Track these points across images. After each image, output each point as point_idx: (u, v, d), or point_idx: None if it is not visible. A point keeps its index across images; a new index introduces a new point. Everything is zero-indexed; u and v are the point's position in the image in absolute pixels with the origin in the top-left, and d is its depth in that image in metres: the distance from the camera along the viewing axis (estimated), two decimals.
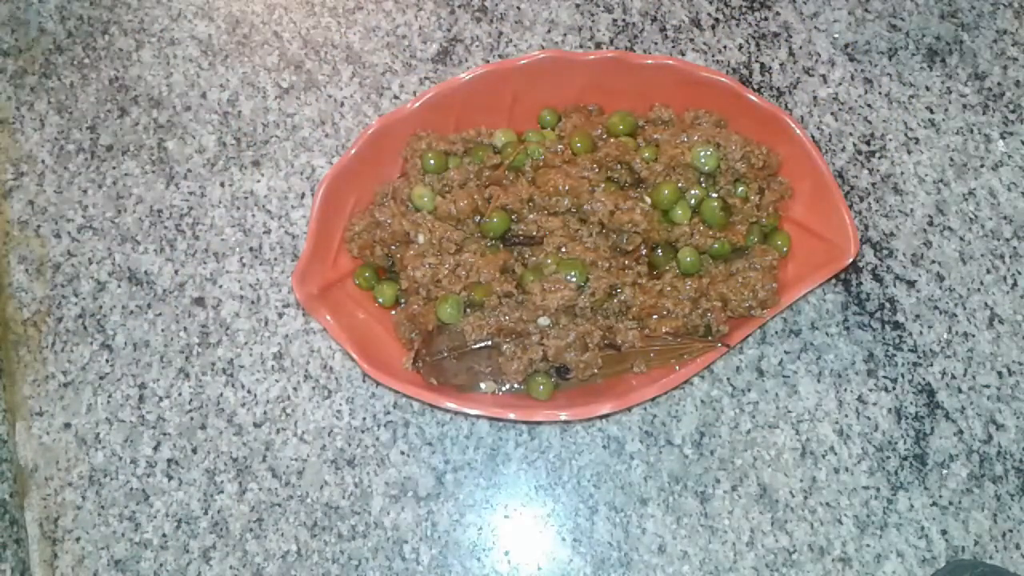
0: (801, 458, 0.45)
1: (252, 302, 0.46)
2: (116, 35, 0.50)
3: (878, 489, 0.45)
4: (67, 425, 0.45)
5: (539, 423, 0.45)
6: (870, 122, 0.51)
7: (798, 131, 0.46)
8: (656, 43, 0.52)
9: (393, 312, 0.45)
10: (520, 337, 0.43)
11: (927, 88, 0.52)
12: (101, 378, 0.46)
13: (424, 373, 0.43)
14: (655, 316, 0.44)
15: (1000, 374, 0.47)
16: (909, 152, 0.51)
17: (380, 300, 0.45)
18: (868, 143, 0.51)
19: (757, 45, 0.53)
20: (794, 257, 0.46)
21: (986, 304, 0.48)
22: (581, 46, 0.52)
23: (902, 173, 0.50)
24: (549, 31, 0.52)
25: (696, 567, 0.43)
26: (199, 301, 0.46)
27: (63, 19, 0.51)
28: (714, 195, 0.45)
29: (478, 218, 0.45)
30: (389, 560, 0.43)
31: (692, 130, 0.46)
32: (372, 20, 0.52)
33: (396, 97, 0.50)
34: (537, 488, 0.44)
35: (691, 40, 0.53)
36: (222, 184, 0.48)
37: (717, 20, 0.53)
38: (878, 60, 0.53)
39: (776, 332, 0.47)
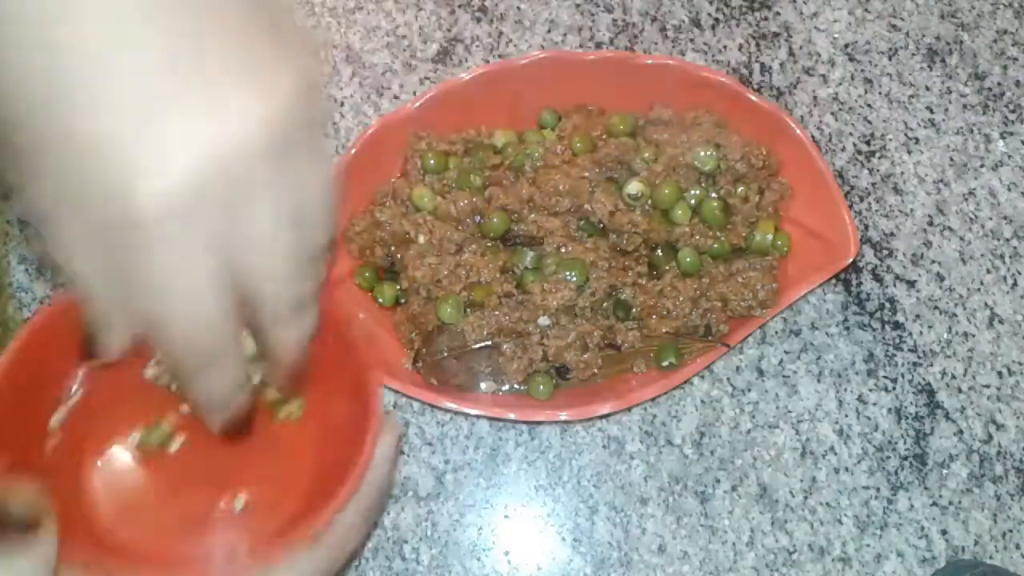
0: (801, 458, 0.45)
1: None
2: None
3: (878, 489, 0.45)
4: None
5: (539, 423, 0.45)
6: (870, 122, 0.51)
7: (798, 131, 0.46)
8: (656, 43, 0.52)
9: (392, 312, 0.45)
10: (520, 337, 0.43)
11: (927, 88, 0.52)
12: None
13: (424, 373, 0.43)
14: (655, 316, 0.44)
15: (1000, 374, 0.47)
16: (909, 152, 0.51)
17: (380, 300, 0.45)
18: (868, 143, 0.51)
19: (757, 45, 0.53)
20: (794, 257, 0.46)
21: (986, 304, 0.48)
22: (581, 46, 0.52)
23: (902, 173, 0.50)
24: (549, 31, 0.52)
25: (696, 567, 0.43)
26: None
27: None
28: (714, 195, 0.45)
29: (478, 218, 0.45)
30: (389, 560, 0.43)
31: (692, 130, 0.46)
32: (372, 20, 0.52)
33: (396, 97, 0.50)
34: (537, 488, 0.44)
35: (691, 40, 0.53)
36: None
37: (717, 20, 0.53)
38: (878, 60, 0.53)
39: (776, 332, 0.47)
